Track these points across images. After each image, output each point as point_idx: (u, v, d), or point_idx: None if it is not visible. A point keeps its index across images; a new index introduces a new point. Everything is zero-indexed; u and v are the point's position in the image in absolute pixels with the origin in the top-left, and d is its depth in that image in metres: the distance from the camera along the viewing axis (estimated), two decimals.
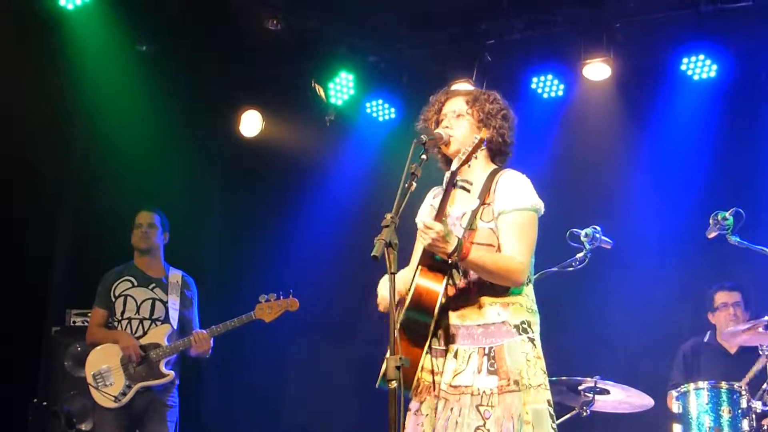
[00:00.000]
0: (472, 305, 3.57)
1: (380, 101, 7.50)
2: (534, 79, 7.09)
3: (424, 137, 3.61)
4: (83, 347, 6.15)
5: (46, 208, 7.25)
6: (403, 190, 3.42)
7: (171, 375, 5.76)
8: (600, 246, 5.07)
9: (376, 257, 3.24)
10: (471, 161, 3.52)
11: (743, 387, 5.20)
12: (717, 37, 6.62)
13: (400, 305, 3.62)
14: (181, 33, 7.18)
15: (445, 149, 3.74)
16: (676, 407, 5.31)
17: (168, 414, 5.78)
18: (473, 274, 3.57)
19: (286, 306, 5.83)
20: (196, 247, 7.50)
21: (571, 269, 5.12)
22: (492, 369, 3.49)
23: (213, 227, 8.17)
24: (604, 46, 6.77)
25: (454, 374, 3.54)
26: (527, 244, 3.58)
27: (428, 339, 3.54)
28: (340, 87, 7.37)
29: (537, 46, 7.02)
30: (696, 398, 5.23)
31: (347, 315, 7.50)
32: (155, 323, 5.85)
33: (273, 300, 5.81)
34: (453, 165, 3.55)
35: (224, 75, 7.71)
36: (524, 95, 7.06)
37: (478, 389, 3.48)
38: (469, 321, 3.56)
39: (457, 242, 3.42)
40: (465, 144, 3.64)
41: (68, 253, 7.37)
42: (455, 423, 3.47)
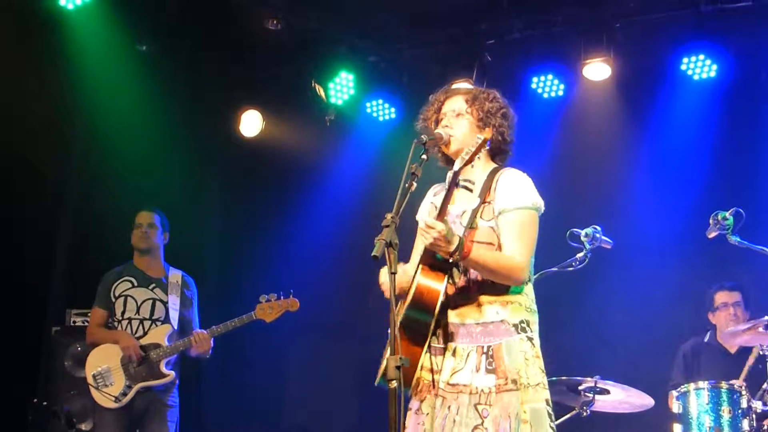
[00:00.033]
0: (472, 304, 3.56)
1: (380, 101, 7.50)
2: (534, 79, 7.09)
3: (425, 137, 3.61)
4: (83, 347, 6.14)
5: (46, 208, 7.24)
6: (404, 190, 3.42)
7: (171, 375, 5.75)
8: (600, 246, 5.07)
9: (377, 257, 3.24)
10: (474, 161, 3.52)
11: (743, 387, 5.20)
12: (717, 37, 6.62)
13: (402, 299, 3.63)
14: (181, 33, 7.18)
15: (446, 149, 3.73)
16: (677, 407, 5.31)
17: (168, 414, 5.77)
18: (473, 273, 3.57)
19: (287, 306, 5.83)
20: (196, 247, 7.50)
21: (571, 269, 5.12)
22: (490, 368, 3.49)
23: (213, 227, 8.17)
24: (604, 46, 6.77)
25: (452, 372, 3.54)
26: (528, 243, 3.58)
27: (428, 338, 3.54)
28: (340, 87, 7.37)
29: (537, 46, 7.02)
30: (696, 398, 5.23)
31: (347, 315, 7.51)
32: (155, 323, 5.84)
33: (273, 300, 5.81)
34: (456, 165, 3.54)
35: (224, 75, 7.71)
36: (524, 95, 7.07)
37: (477, 388, 3.48)
38: (468, 319, 3.56)
39: (459, 241, 3.42)
40: (465, 143, 3.65)
41: (68, 253, 7.37)
42: (453, 421, 3.47)
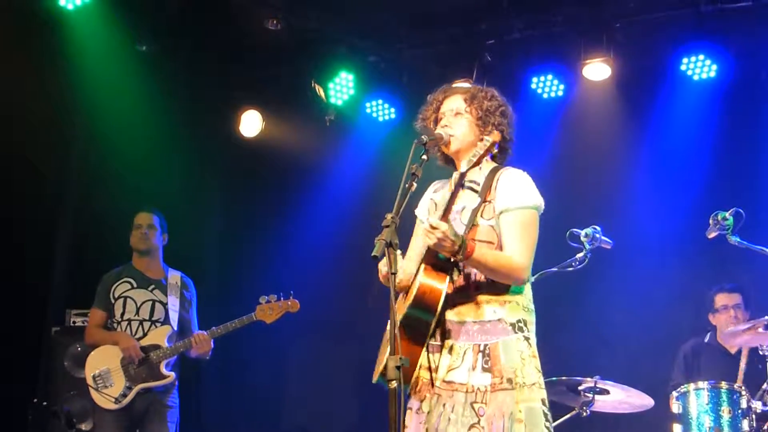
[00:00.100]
0: (470, 302, 3.56)
1: (380, 101, 7.50)
2: (534, 79, 7.10)
3: (425, 137, 3.61)
4: (83, 347, 6.14)
5: (46, 208, 7.24)
6: (404, 191, 3.42)
7: (171, 376, 5.75)
8: (600, 246, 5.06)
9: (377, 257, 3.25)
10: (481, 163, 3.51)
11: (743, 387, 5.20)
12: (717, 37, 6.62)
13: (401, 296, 3.63)
14: (181, 33, 7.18)
15: (446, 149, 3.73)
16: (676, 407, 5.30)
17: (168, 415, 5.77)
18: (472, 272, 3.57)
19: (287, 307, 5.83)
20: (196, 247, 7.50)
21: (571, 269, 5.12)
22: (486, 366, 3.48)
23: (213, 227, 8.17)
24: (604, 46, 6.77)
25: (448, 370, 3.54)
26: (529, 243, 3.58)
27: (428, 337, 3.54)
28: (340, 87, 7.37)
29: (537, 46, 7.02)
30: (696, 398, 5.23)
31: (347, 315, 7.50)
32: (155, 324, 5.83)
33: (273, 301, 5.81)
34: (462, 166, 3.54)
35: (224, 75, 7.71)
36: (524, 95, 7.07)
37: (473, 386, 3.48)
38: (466, 318, 3.56)
39: (462, 241, 3.42)
40: (465, 143, 3.68)
41: (68, 253, 7.37)
42: (447, 419, 3.47)
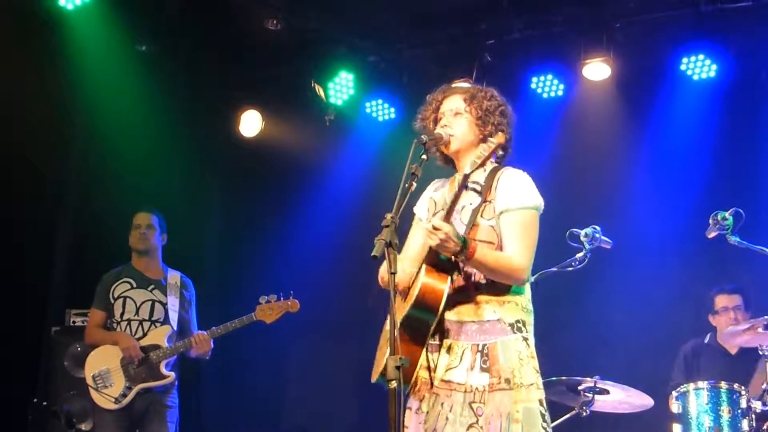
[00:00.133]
0: (469, 302, 3.56)
1: (380, 101, 7.50)
2: (534, 79, 7.09)
3: (425, 137, 3.62)
4: (83, 347, 6.14)
5: (46, 208, 7.24)
6: (404, 190, 3.43)
7: (171, 376, 5.75)
8: (600, 246, 5.06)
9: (376, 257, 3.25)
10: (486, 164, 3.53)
11: (743, 387, 5.19)
12: (717, 37, 6.62)
13: (401, 297, 3.63)
14: (181, 33, 7.18)
15: (445, 149, 3.73)
16: (676, 407, 5.30)
17: (168, 415, 5.77)
18: (473, 272, 3.57)
19: (287, 307, 5.83)
20: (196, 247, 7.50)
21: (571, 269, 5.11)
22: (485, 366, 3.48)
23: (213, 227, 8.17)
24: (604, 46, 6.77)
25: (446, 369, 3.54)
26: (529, 244, 3.58)
27: (428, 337, 3.54)
28: (340, 87, 7.37)
29: (537, 46, 7.02)
30: (696, 398, 5.22)
31: (347, 315, 7.50)
32: (155, 325, 5.83)
33: (273, 301, 5.81)
34: (466, 168, 3.53)
35: (224, 75, 7.71)
36: (524, 95, 7.07)
37: (471, 386, 3.48)
38: (465, 317, 3.56)
39: (464, 243, 3.42)
40: (464, 142, 3.69)
41: (68, 253, 7.37)
42: (445, 419, 3.47)
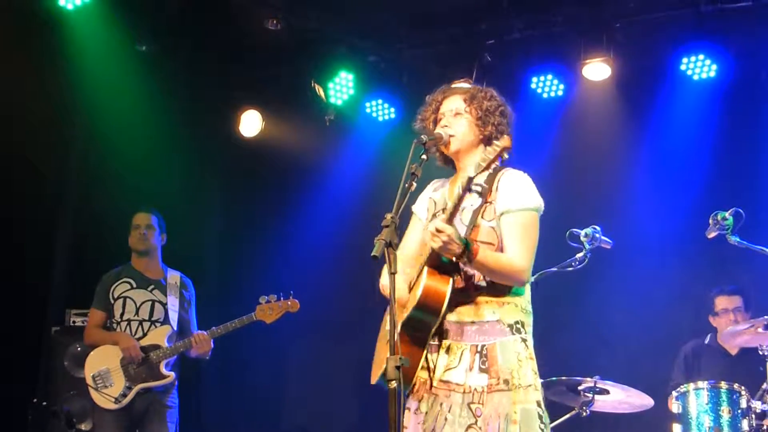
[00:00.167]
0: (469, 303, 3.57)
1: (380, 101, 7.50)
2: (534, 79, 7.10)
3: (425, 137, 3.62)
4: (83, 347, 6.14)
5: (46, 208, 7.24)
6: (403, 190, 3.43)
7: (171, 376, 5.75)
8: (600, 246, 5.07)
9: (376, 257, 3.25)
10: (491, 167, 3.53)
11: (743, 387, 5.19)
12: (717, 37, 6.62)
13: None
14: (181, 33, 7.18)
15: (445, 149, 3.74)
16: (676, 407, 5.30)
17: (168, 415, 5.77)
18: (473, 273, 3.57)
19: (287, 307, 5.83)
20: (196, 247, 7.50)
21: (571, 269, 5.12)
22: (483, 367, 3.49)
23: (213, 227, 8.17)
24: (604, 46, 6.77)
25: (445, 369, 3.54)
26: (529, 245, 3.58)
27: (429, 339, 3.54)
28: (340, 87, 7.37)
29: (537, 46, 7.02)
30: (696, 398, 5.23)
31: (347, 315, 7.50)
32: (155, 325, 5.83)
33: (273, 301, 5.81)
34: (470, 171, 3.51)
35: (224, 75, 7.71)
36: (524, 95, 7.07)
37: (470, 387, 3.48)
38: (465, 318, 3.56)
39: (467, 245, 3.42)
40: (464, 143, 3.70)
41: (68, 253, 7.37)
42: (444, 419, 3.48)
